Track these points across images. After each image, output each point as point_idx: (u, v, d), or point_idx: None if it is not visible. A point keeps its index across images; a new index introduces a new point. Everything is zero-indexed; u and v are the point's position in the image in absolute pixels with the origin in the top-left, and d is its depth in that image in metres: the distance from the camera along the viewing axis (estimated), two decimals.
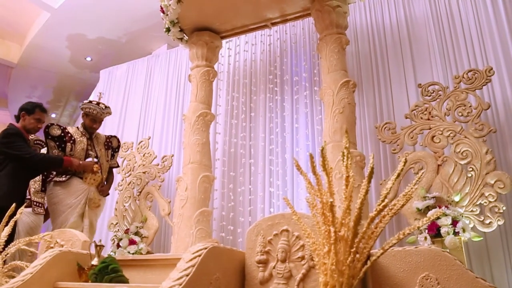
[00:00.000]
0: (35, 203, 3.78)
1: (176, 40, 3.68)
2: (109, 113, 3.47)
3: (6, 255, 2.33)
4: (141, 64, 4.70)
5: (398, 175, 1.37)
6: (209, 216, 3.21)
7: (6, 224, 2.35)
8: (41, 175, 3.93)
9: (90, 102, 3.39)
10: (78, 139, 3.26)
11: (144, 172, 3.77)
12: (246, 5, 3.36)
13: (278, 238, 1.80)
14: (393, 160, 3.15)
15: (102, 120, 3.44)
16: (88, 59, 6.12)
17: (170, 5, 3.27)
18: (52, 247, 2.49)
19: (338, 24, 3.13)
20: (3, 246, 2.34)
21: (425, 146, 2.82)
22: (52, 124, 3.24)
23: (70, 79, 6.57)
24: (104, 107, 3.39)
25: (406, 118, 2.94)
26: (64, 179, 3.09)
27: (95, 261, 2.09)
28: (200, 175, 3.21)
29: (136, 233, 3.48)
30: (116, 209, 3.93)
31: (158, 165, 3.71)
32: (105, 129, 4.38)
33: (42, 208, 3.81)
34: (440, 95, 2.88)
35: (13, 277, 2.25)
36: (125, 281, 2.00)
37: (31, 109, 3.07)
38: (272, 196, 3.31)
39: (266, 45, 3.80)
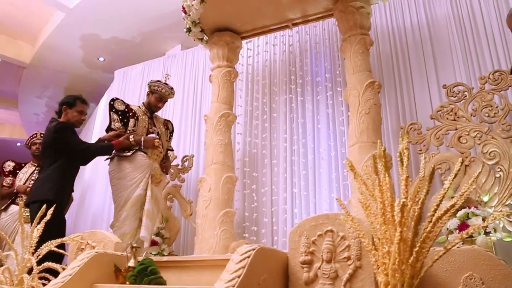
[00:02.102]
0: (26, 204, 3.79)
1: (196, 40, 3.68)
2: (173, 95, 3.45)
3: (38, 256, 2.31)
4: (157, 64, 4.70)
5: (456, 175, 1.36)
6: (233, 217, 3.21)
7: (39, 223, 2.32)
8: None
9: (159, 81, 3.36)
10: (141, 117, 3.22)
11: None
12: (268, 6, 3.37)
13: (322, 238, 1.80)
14: (417, 160, 3.15)
15: (167, 101, 3.41)
16: (101, 59, 6.10)
17: (192, 5, 3.27)
18: (83, 249, 2.48)
19: (362, 25, 3.14)
20: (35, 247, 2.32)
21: (452, 146, 2.83)
22: (117, 98, 3.22)
23: (82, 80, 6.54)
24: (171, 88, 3.37)
25: (432, 118, 2.94)
26: (129, 154, 3.04)
27: (131, 263, 2.08)
28: (224, 176, 3.21)
29: (157, 234, 3.47)
30: None
31: (178, 165, 3.70)
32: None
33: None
34: (465, 96, 2.88)
35: (45, 278, 2.24)
36: (163, 283, 2.00)
37: (72, 102, 3.02)
38: (295, 197, 3.31)
39: (287, 45, 3.80)
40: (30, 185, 3.73)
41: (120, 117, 3.14)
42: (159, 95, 3.29)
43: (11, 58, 6.07)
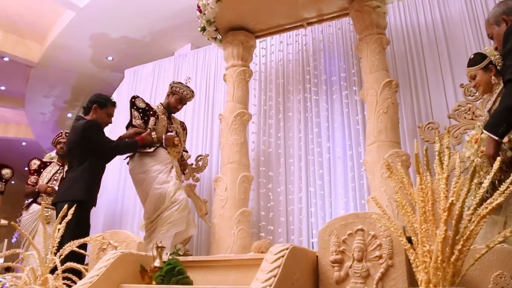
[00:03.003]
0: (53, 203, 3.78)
1: (210, 39, 3.67)
2: (192, 99, 3.49)
3: (60, 257, 2.30)
4: (168, 63, 4.69)
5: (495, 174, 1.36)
6: (249, 216, 3.21)
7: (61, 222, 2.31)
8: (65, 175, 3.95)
9: (180, 82, 3.38)
10: (161, 116, 3.24)
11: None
12: (284, 5, 3.37)
13: (352, 237, 1.80)
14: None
15: (186, 103, 3.45)
16: (110, 58, 6.09)
17: (208, 4, 3.26)
18: (104, 249, 2.47)
19: (378, 24, 3.14)
20: (57, 247, 2.31)
21: None
22: (138, 96, 3.23)
23: (90, 79, 6.54)
24: (192, 91, 3.40)
25: (449, 118, 2.94)
26: (151, 150, 3.04)
27: (157, 263, 2.08)
28: (240, 175, 3.21)
29: None
30: None
31: (192, 164, 3.70)
32: None
33: None
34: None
35: (68, 278, 2.24)
36: (190, 283, 2.00)
37: (104, 102, 2.99)
38: (312, 196, 3.31)
39: (301, 44, 3.79)
40: (52, 185, 3.75)
41: (141, 114, 3.14)
42: (179, 97, 3.31)
43: (19, 58, 6.07)
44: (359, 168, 3.26)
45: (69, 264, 2.29)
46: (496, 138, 1.79)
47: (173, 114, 3.43)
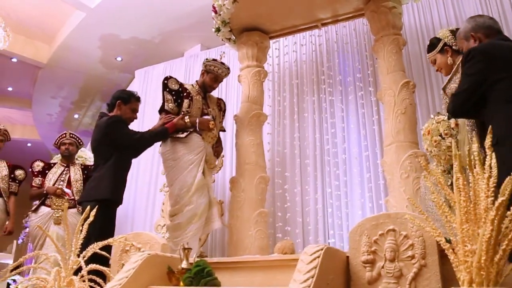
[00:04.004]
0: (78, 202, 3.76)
1: (224, 40, 3.67)
2: (228, 75, 3.29)
3: (83, 258, 2.29)
4: (179, 64, 4.68)
5: None
6: (266, 217, 3.21)
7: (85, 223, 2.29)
8: (82, 176, 3.92)
9: (215, 59, 3.19)
10: (195, 97, 3.06)
11: None
12: (300, 6, 3.37)
13: (384, 237, 1.80)
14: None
15: (222, 81, 3.26)
16: (119, 59, 6.08)
17: (224, 4, 3.26)
18: (127, 250, 2.46)
19: (395, 25, 3.15)
20: (80, 249, 2.29)
21: None
22: (171, 77, 3.07)
23: (98, 80, 6.53)
24: (227, 68, 3.19)
25: None
26: (183, 135, 2.89)
27: (184, 265, 2.07)
28: (257, 176, 3.21)
29: None
30: (162, 211, 3.92)
31: None
32: (144, 127, 4.33)
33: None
34: None
35: (92, 280, 2.23)
36: (218, 284, 2.00)
37: (127, 98, 2.90)
38: (329, 197, 3.32)
39: (316, 45, 3.80)
40: (60, 186, 3.71)
41: (174, 97, 2.97)
42: (214, 75, 3.11)
43: (28, 58, 6.06)
44: (375, 168, 3.26)
45: (93, 266, 2.28)
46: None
47: (209, 93, 3.26)
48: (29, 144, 8.94)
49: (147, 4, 4.79)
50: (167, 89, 3.00)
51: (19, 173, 3.96)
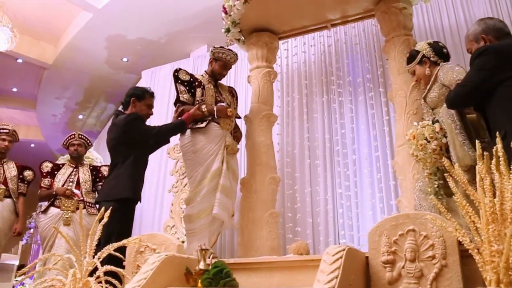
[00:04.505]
0: (87, 203, 3.75)
1: (233, 40, 3.67)
2: (236, 61, 3.26)
3: (98, 259, 2.28)
4: (186, 64, 4.66)
5: None
6: (277, 217, 3.21)
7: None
8: (91, 176, 3.92)
9: (222, 47, 3.17)
10: (207, 85, 3.04)
11: None
12: (310, 6, 3.37)
13: (404, 238, 1.80)
14: None
15: (231, 68, 3.24)
16: (125, 60, 6.08)
17: (235, 5, 3.26)
18: (142, 251, 2.46)
19: (405, 26, 3.15)
20: (94, 250, 2.28)
21: None
22: (181, 69, 3.05)
23: (103, 80, 6.52)
24: (235, 54, 3.17)
25: None
26: (203, 125, 2.86)
27: (201, 265, 2.07)
28: (267, 177, 3.21)
29: None
30: (171, 211, 3.92)
31: None
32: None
33: (95, 208, 3.79)
34: None
35: (107, 282, 2.22)
36: (236, 285, 2.00)
37: (141, 94, 2.90)
38: (340, 197, 3.32)
39: (325, 46, 3.80)
40: (69, 187, 3.70)
41: (187, 87, 2.96)
42: (223, 62, 3.09)
43: (33, 59, 6.05)
44: (386, 169, 3.26)
45: (108, 267, 2.27)
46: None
47: (220, 81, 3.23)
48: (32, 145, 8.93)
49: (154, 5, 4.79)
50: (179, 81, 2.97)
51: (27, 173, 3.96)
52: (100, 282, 2.14)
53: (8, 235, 3.74)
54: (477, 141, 1.50)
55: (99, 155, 4.91)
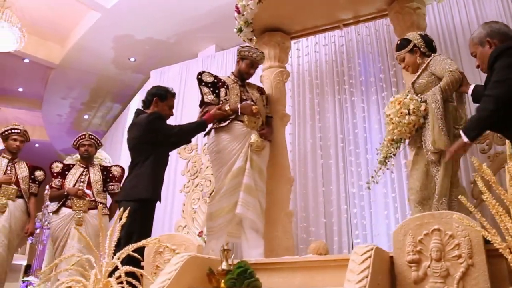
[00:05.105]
0: (99, 204, 3.75)
1: (245, 40, 3.67)
2: (263, 60, 3.23)
3: (118, 259, 2.27)
4: (195, 64, 4.68)
5: None
6: (291, 217, 3.21)
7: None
8: (101, 177, 3.91)
9: (248, 45, 3.17)
10: (231, 85, 3.02)
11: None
12: (323, 6, 3.37)
13: (429, 237, 1.80)
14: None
15: (258, 67, 3.19)
16: (132, 60, 6.07)
17: (248, 5, 3.26)
18: (161, 252, 2.46)
19: (419, 26, 3.14)
20: (114, 251, 2.27)
21: None
22: (204, 71, 3.04)
23: (110, 80, 6.51)
24: (262, 52, 3.13)
25: None
26: (225, 124, 2.84)
27: (224, 266, 2.07)
28: (282, 177, 3.21)
29: None
30: (183, 211, 3.91)
31: None
32: None
33: (106, 208, 3.79)
34: None
35: (128, 282, 2.21)
36: (259, 285, 1.99)
37: (164, 94, 2.86)
38: (354, 197, 3.32)
39: (337, 46, 3.81)
40: (81, 187, 3.69)
41: (211, 88, 2.95)
42: (250, 60, 3.04)
43: (40, 59, 6.05)
44: (399, 168, 3.27)
45: (128, 268, 2.27)
46: (467, 140, 2.07)
47: (248, 81, 3.17)
48: (37, 145, 8.92)
49: (163, 5, 4.79)
50: (203, 83, 2.97)
51: (39, 174, 3.95)
52: (121, 282, 2.15)
53: (20, 235, 3.74)
54: None
55: (108, 155, 4.91)
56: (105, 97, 7.06)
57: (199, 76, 2.99)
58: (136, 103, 5.73)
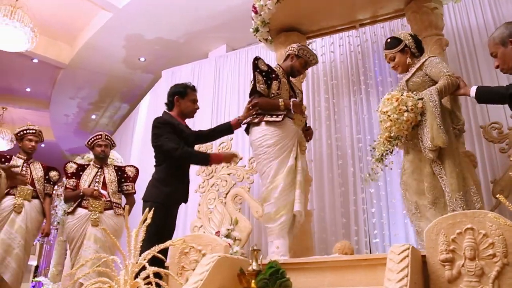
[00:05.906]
0: (115, 204, 3.73)
1: (261, 40, 3.68)
2: (315, 64, 3.15)
3: (144, 260, 2.27)
4: (207, 64, 4.68)
5: None
6: (310, 217, 3.22)
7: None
8: (116, 177, 3.89)
9: (306, 46, 3.10)
10: (282, 80, 2.89)
11: (229, 174, 3.75)
12: (341, 7, 3.38)
13: (462, 236, 1.82)
14: (491, 159, 3.21)
15: (308, 69, 3.13)
16: (142, 59, 6.05)
17: (266, 5, 3.27)
18: (186, 253, 2.45)
19: (437, 26, 3.16)
20: (139, 252, 2.27)
21: None
22: (260, 58, 2.89)
23: (119, 80, 6.49)
24: (317, 57, 3.05)
25: None
26: (279, 119, 2.70)
27: (254, 266, 2.07)
28: None
29: (227, 236, 3.44)
30: (199, 211, 3.91)
31: (245, 166, 3.70)
32: None
33: (122, 209, 3.77)
34: None
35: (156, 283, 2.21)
36: (290, 285, 2.00)
37: (183, 91, 2.79)
38: (372, 197, 3.33)
39: (354, 46, 3.81)
40: (96, 188, 3.68)
41: (265, 78, 2.81)
42: (305, 60, 2.96)
43: (50, 59, 6.03)
44: None
45: (155, 269, 2.26)
46: (473, 95, 2.29)
47: (292, 78, 3.06)
48: (42, 145, 8.89)
49: (174, 4, 4.78)
50: (258, 70, 2.81)
51: (53, 174, 3.94)
52: (150, 283, 2.15)
53: (36, 236, 3.73)
54: None
55: (119, 156, 4.90)
56: (113, 97, 7.04)
57: (256, 61, 2.83)
58: (146, 103, 5.73)
